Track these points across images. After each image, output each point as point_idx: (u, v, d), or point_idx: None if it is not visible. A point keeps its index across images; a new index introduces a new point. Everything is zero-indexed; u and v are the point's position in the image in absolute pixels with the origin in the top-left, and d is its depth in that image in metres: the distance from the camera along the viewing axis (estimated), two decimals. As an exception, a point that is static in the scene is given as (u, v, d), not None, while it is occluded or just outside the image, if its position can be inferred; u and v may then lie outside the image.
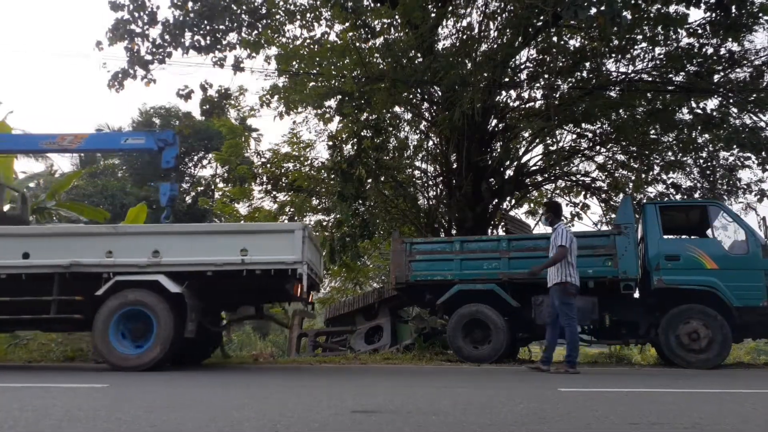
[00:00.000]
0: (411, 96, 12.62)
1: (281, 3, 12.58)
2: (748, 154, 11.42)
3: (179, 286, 6.28)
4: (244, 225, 7.59)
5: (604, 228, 12.63)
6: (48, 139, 8.32)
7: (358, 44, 12.07)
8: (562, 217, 7.24)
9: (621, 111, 11.96)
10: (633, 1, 9.47)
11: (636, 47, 11.02)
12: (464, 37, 11.24)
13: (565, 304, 6.49)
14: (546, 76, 11.56)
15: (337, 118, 13.17)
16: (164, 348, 6.21)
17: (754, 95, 10.35)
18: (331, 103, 12.95)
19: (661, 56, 11.10)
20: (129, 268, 6.43)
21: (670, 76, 11.37)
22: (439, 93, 11.93)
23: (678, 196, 12.58)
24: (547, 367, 6.54)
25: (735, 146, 11.05)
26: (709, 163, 12.51)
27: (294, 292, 6.62)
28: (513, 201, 14.81)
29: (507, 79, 11.51)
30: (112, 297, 6.33)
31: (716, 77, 10.94)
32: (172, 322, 6.22)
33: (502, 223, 12.50)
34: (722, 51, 10.79)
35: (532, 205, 15.90)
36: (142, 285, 6.35)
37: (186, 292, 6.28)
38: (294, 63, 12.71)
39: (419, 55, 11.59)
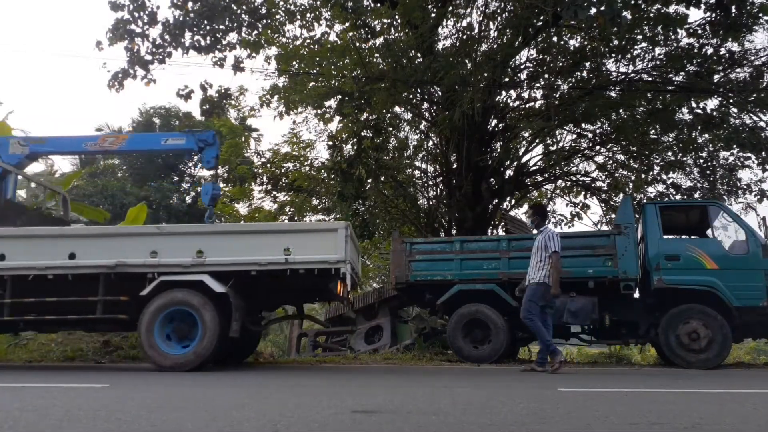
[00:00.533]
0: (411, 96, 12.63)
1: (281, 3, 12.59)
2: (748, 154, 11.43)
3: (223, 285, 6.25)
4: (288, 224, 7.58)
5: (604, 228, 12.63)
6: (91, 141, 8.36)
7: (358, 44, 12.08)
8: (548, 219, 7.24)
9: (621, 111, 11.96)
10: (633, 1, 9.47)
11: (636, 47, 11.02)
12: (464, 37, 11.25)
13: (532, 302, 6.58)
14: (546, 76, 11.57)
15: (337, 118, 13.19)
16: (209, 348, 6.19)
17: (754, 95, 10.35)
18: (331, 103, 12.97)
19: (661, 56, 11.10)
20: (173, 268, 6.39)
21: (670, 76, 11.38)
22: (439, 93, 11.93)
23: (678, 196, 12.59)
24: (543, 368, 6.54)
25: (735, 146, 11.05)
26: (709, 163, 12.51)
27: (337, 292, 6.62)
28: (513, 201, 14.82)
29: (507, 79, 11.51)
30: (157, 297, 6.32)
31: (716, 77, 10.94)
32: (217, 321, 6.20)
33: (502, 223, 12.51)
34: (722, 51, 10.80)
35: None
36: (187, 285, 6.32)
37: (230, 292, 6.26)
38: (294, 63, 12.72)
39: (419, 55, 11.60)
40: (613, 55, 11.17)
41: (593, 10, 7.49)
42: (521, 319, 6.67)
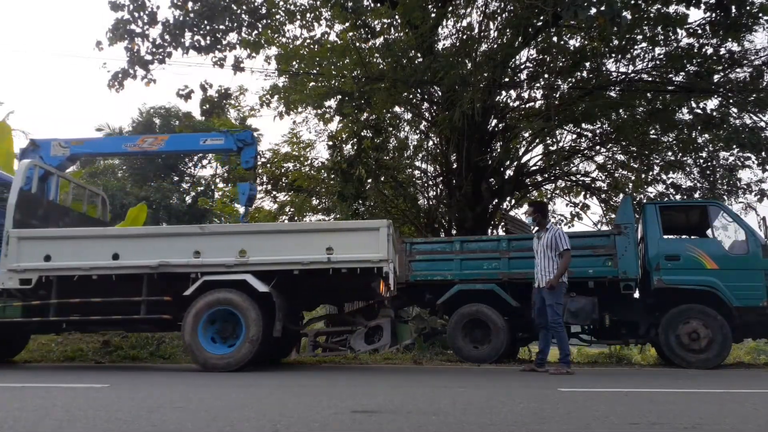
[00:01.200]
0: (411, 96, 12.63)
1: (281, 3, 12.60)
2: (748, 154, 11.43)
3: (266, 285, 6.24)
4: (330, 223, 7.56)
5: (604, 228, 12.62)
6: (130, 142, 8.39)
7: (358, 44, 12.08)
8: (549, 217, 7.18)
9: (621, 111, 11.96)
10: (633, 1, 9.47)
11: (636, 47, 11.02)
12: (464, 37, 11.25)
13: (558, 304, 6.47)
14: (546, 76, 11.57)
15: (337, 118, 13.20)
16: (253, 347, 6.18)
17: (754, 95, 10.34)
18: (331, 103, 12.98)
19: (661, 56, 11.10)
20: (216, 268, 6.39)
21: (670, 76, 11.38)
22: (439, 93, 11.93)
23: (678, 196, 12.58)
24: (543, 369, 6.53)
25: (735, 146, 11.05)
26: (709, 163, 12.51)
27: (380, 291, 6.59)
28: (513, 201, 14.82)
29: (507, 79, 11.51)
30: (201, 297, 6.32)
31: (716, 77, 10.94)
32: (260, 321, 6.19)
33: (502, 223, 12.51)
34: (722, 51, 10.80)
35: (532, 205, 15.89)
36: (230, 285, 6.31)
37: (273, 292, 6.26)
38: (294, 63, 12.73)
39: (419, 55, 11.60)
40: (613, 55, 11.17)
41: (593, 10, 7.48)
42: (549, 323, 6.47)
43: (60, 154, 8.15)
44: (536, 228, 7.13)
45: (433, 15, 10.93)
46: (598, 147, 13.63)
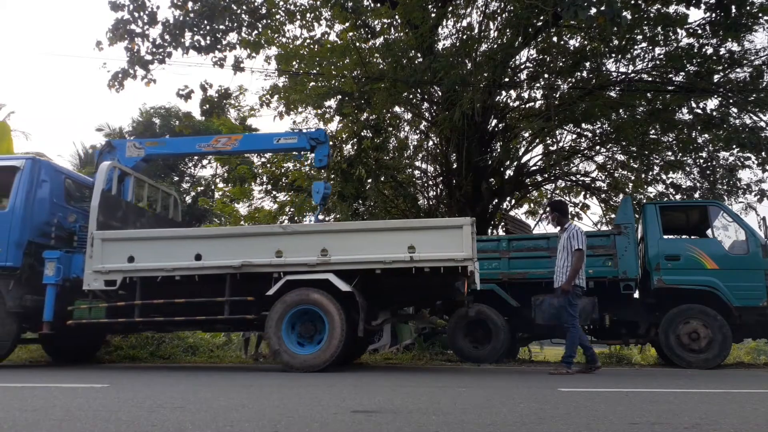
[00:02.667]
0: (411, 96, 12.63)
1: (281, 3, 12.61)
2: (748, 154, 11.42)
3: (348, 284, 6.22)
4: (411, 221, 7.46)
5: (604, 228, 12.62)
6: (203, 142, 8.40)
7: (358, 44, 12.08)
8: (570, 216, 7.03)
9: (621, 111, 11.95)
10: (633, 1, 9.46)
11: (636, 47, 11.01)
12: (464, 37, 11.24)
13: (572, 305, 6.43)
14: (546, 76, 11.56)
15: (337, 118, 13.20)
16: (338, 347, 6.15)
17: (754, 95, 10.34)
18: (331, 103, 12.97)
19: (661, 56, 11.09)
20: (298, 268, 6.37)
21: (670, 76, 11.37)
22: (439, 93, 11.93)
23: (678, 196, 12.58)
24: (567, 369, 6.50)
25: (735, 146, 11.04)
26: (709, 163, 12.50)
27: (465, 291, 6.52)
28: (513, 201, 14.81)
29: (507, 79, 11.51)
30: (283, 296, 6.30)
31: (716, 77, 10.93)
32: (344, 321, 6.16)
33: (502, 223, 12.50)
34: (722, 51, 10.78)
35: (532, 205, 15.91)
36: (312, 284, 6.31)
37: (355, 291, 6.24)
38: (294, 63, 12.73)
39: (419, 55, 11.60)
40: (613, 55, 11.16)
41: (593, 10, 7.48)
42: (564, 324, 6.46)
43: (135, 155, 8.21)
44: (558, 228, 7.01)
45: (433, 15, 10.93)
46: (598, 147, 13.62)
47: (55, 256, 7.00)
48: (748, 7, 9.45)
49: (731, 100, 10.91)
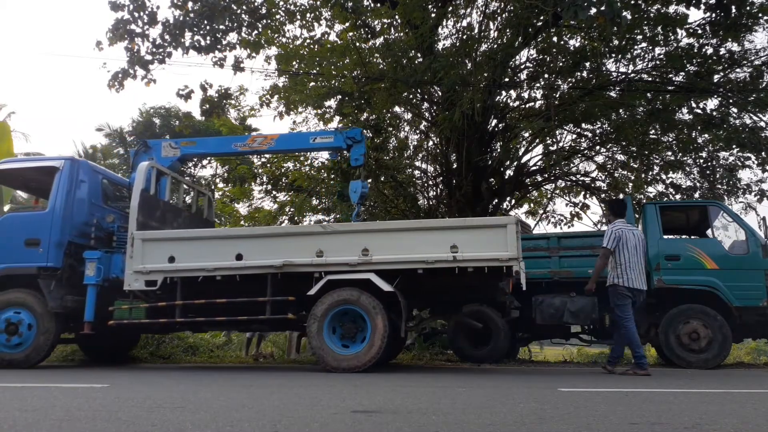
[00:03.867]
0: (411, 96, 12.62)
1: (281, 3, 12.60)
2: (748, 154, 11.42)
3: (390, 284, 6.18)
4: (453, 220, 7.37)
5: (604, 228, 12.61)
6: (240, 142, 8.41)
7: (358, 44, 12.08)
8: (623, 215, 6.78)
9: (621, 111, 11.95)
10: (633, 1, 9.45)
11: (636, 47, 11.00)
12: (464, 37, 11.23)
13: (617, 305, 6.42)
14: (546, 76, 11.56)
15: (337, 118, 13.19)
16: (381, 348, 6.12)
17: (754, 95, 10.33)
18: (331, 103, 12.97)
19: (661, 56, 11.09)
20: (339, 267, 6.34)
21: (670, 76, 11.36)
22: (439, 93, 11.93)
23: (678, 196, 12.58)
24: (611, 368, 6.48)
25: (735, 146, 11.05)
26: (709, 163, 12.50)
27: (509, 291, 6.49)
28: (513, 201, 14.80)
29: (507, 79, 11.50)
30: (325, 296, 6.28)
31: (716, 77, 10.92)
32: (386, 321, 6.13)
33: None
34: (722, 51, 10.78)
35: (532, 205, 15.91)
36: (354, 284, 6.27)
37: (397, 291, 6.20)
38: (294, 63, 12.73)
39: (419, 55, 11.59)
40: (613, 55, 11.16)
41: (593, 10, 7.47)
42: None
43: (171, 155, 8.23)
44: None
45: (433, 15, 10.92)
46: (598, 147, 13.62)
47: (96, 256, 7.05)
48: (748, 7, 9.45)
49: (731, 100, 10.91)
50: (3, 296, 7.03)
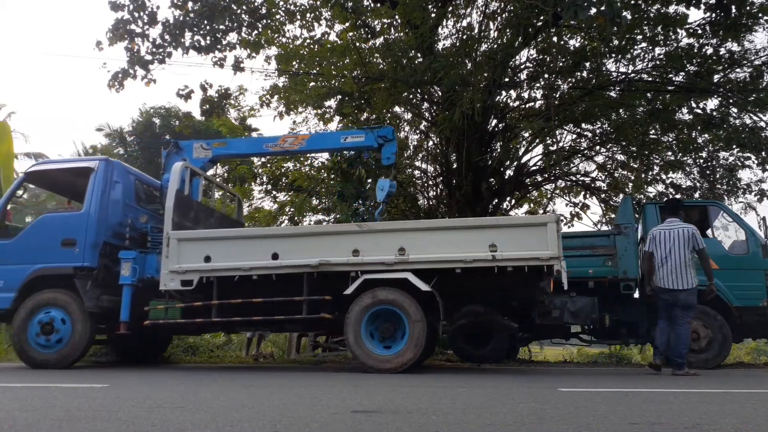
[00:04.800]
0: (411, 96, 12.62)
1: (281, 3, 12.60)
2: (748, 154, 11.42)
3: (427, 284, 6.12)
4: (492, 219, 7.26)
5: (604, 228, 12.62)
6: (271, 142, 8.39)
7: (358, 44, 12.08)
8: (679, 215, 6.64)
9: (621, 111, 11.95)
10: (633, 1, 9.45)
11: (636, 47, 11.01)
12: (464, 37, 11.23)
13: (660, 308, 6.45)
14: (546, 76, 11.56)
15: (337, 118, 13.19)
16: (419, 348, 6.07)
17: (754, 95, 10.34)
18: (331, 103, 12.97)
19: (661, 56, 11.09)
20: (376, 266, 6.28)
21: (670, 76, 11.37)
22: (439, 93, 11.93)
23: (678, 196, 12.57)
24: (680, 371, 6.40)
25: (735, 146, 11.05)
26: (709, 163, 12.50)
27: (550, 291, 6.41)
28: (513, 201, 14.81)
29: (507, 79, 11.50)
30: (361, 296, 6.23)
31: (716, 77, 10.93)
32: (424, 321, 6.07)
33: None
34: (722, 51, 10.78)
35: (532, 205, 15.91)
36: (390, 283, 6.21)
37: (435, 291, 6.15)
38: (294, 63, 12.73)
39: (419, 55, 11.59)
40: (613, 55, 11.16)
41: (593, 10, 7.47)
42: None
43: (203, 156, 8.26)
44: None
45: (433, 15, 10.92)
46: (598, 147, 13.62)
47: (131, 256, 7.07)
48: (748, 7, 9.46)
49: (731, 100, 10.91)
50: (39, 296, 7.03)
